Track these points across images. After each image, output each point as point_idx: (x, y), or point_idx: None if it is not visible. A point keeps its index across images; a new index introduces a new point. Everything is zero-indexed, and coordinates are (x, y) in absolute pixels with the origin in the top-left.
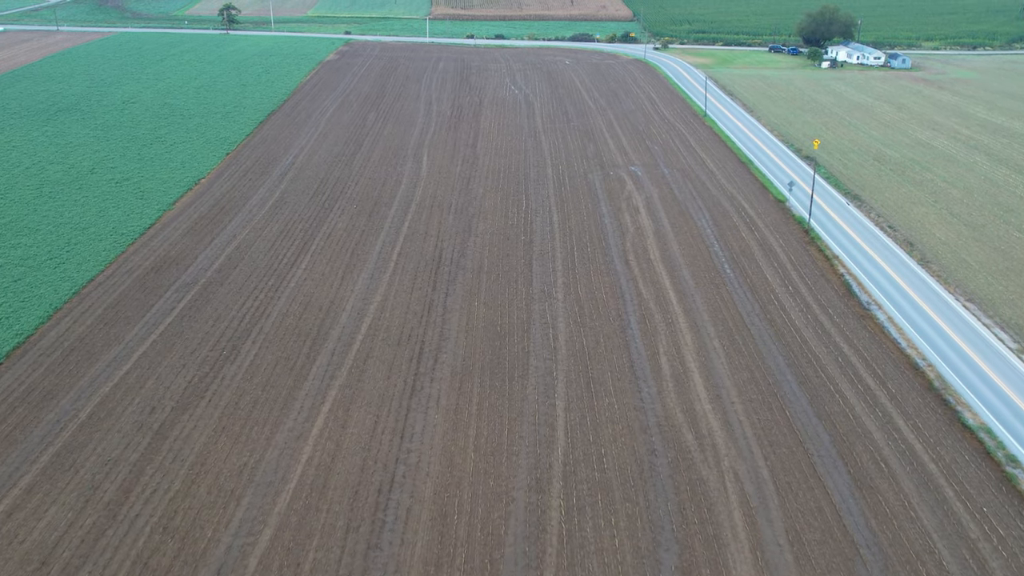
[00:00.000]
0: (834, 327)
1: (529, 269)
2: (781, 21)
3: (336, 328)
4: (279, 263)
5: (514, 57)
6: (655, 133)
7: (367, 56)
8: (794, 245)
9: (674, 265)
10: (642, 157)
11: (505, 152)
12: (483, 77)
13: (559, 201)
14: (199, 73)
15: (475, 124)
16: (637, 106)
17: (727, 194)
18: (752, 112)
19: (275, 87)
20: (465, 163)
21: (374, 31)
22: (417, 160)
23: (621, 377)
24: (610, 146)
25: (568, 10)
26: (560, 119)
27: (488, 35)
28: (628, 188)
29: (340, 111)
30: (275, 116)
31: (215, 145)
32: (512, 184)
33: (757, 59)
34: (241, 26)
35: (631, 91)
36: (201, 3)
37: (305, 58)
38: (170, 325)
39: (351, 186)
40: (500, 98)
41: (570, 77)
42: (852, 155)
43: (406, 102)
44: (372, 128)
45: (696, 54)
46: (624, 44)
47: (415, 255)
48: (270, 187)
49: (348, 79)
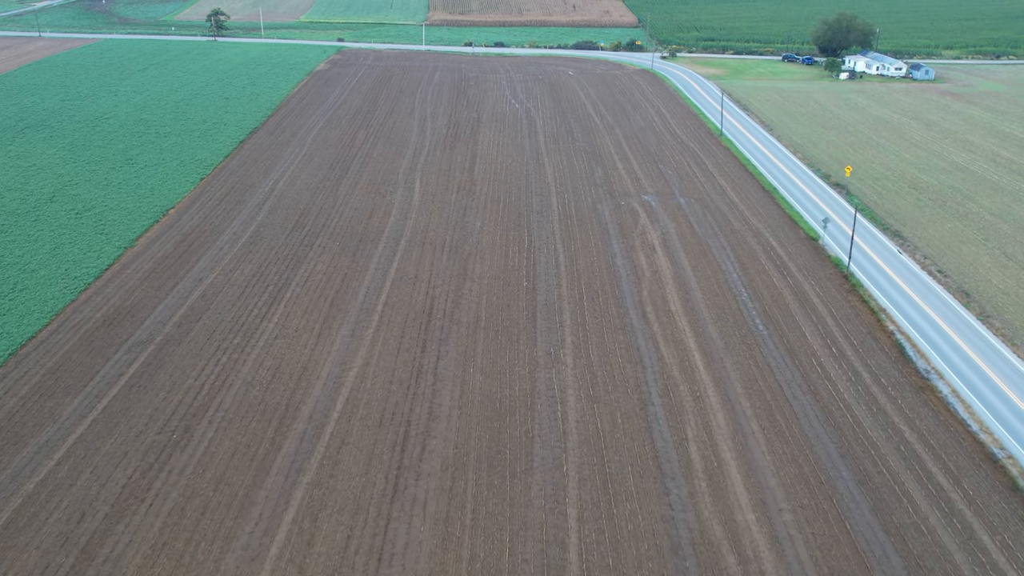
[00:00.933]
0: (890, 402)
1: (533, 324)
2: (793, 28)
3: (308, 403)
4: (248, 316)
5: (514, 67)
6: (668, 155)
7: (359, 66)
8: (833, 294)
9: (698, 319)
10: (655, 184)
11: (505, 177)
12: (482, 89)
13: (565, 237)
14: (181, 85)
15: (472, 144)
16: (647, 123)
17: (752, 229)
18: (771, 130)
19: (260, 101)
20: (461, 190)
21: (368, 37)
22: (409, 187)
23: (644, 473)
24: (620, 170)
25: (570, 16)
26: (564, 138)
27: (487, 42)
28: (642, 221)
29: (328, 128)
30: (258, 134)
31: (190, 168)
32: (512, 216)
33: (771, 69)
34: (230, 32)
35: (640, 106)
36: (192, 8)
37: (294, 68)
38: (115, 398)
39: (335, 218)
40: (500, 113)
41: (574, 89)
42: (885, 182)
43: (399, 118)
44: (361, 148)
45: (706, 64)
46: (630, 53)
47: (403, 305)
48: (245, 219)
49: (338, 92)
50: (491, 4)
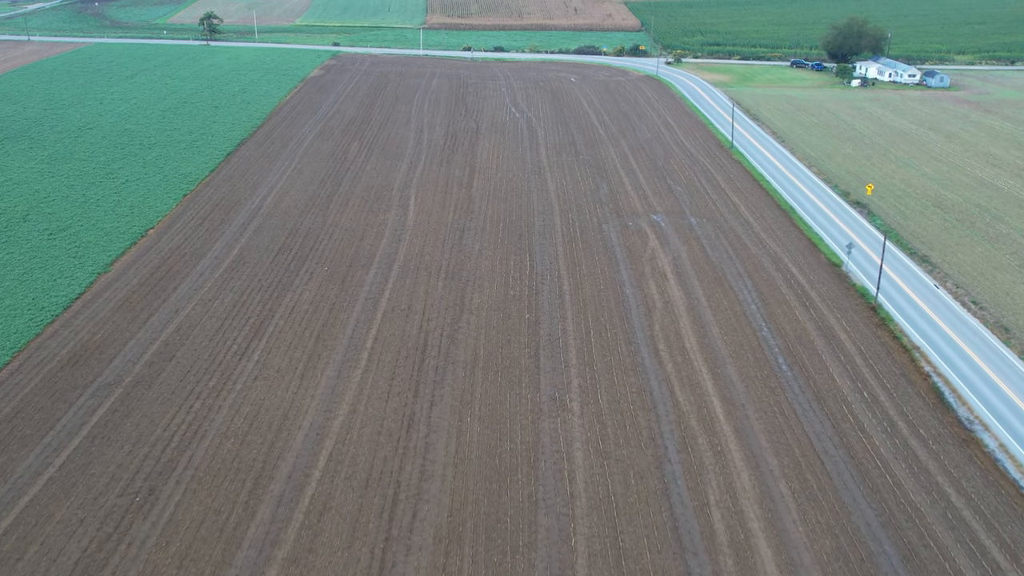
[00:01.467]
0: (931, 459)
1: (536, 363)
2: (801, 32)
3: (287, 458)
4: (226, 353)
5: (515, 73)
6: (677, 169)
7: (355, 72)
8: (861, 329)
9: (716, 359)
10: (664, 202)
11: (505, 194)
12: (481, 97)
13: (570, 262)
14: (169, 92)
15: (471, 156)
16: (653, 134)
17: (770, 254)
18: (784, 142)
19: (250, 109)
20: (459, 209)
21: (365, 42)
22: (403, 204)
23: (662, 547)
24: (626, 186)
25: (572, 19)
26: (567, 150)
27: (486, 47)
28: (651, 245)
29: (320, 139)
30: (246, 145)
31: (173, 183)
32: (513, 238)
33: (780, 76)
34: (223, 36)
35: (645, 115)
36: (185, 10)
37: (287, 74)
38: (76, 451)
39: (324, 240)
40: (499, 123)
41: (576, 97)
42: (908, 200)
43: (394, 128)
44: (354, 161)
45: (712, 70)
46: (633, 58)
47: (395, 341)
48: (228, 241)
49: (332, 99)
50: (491, 7)
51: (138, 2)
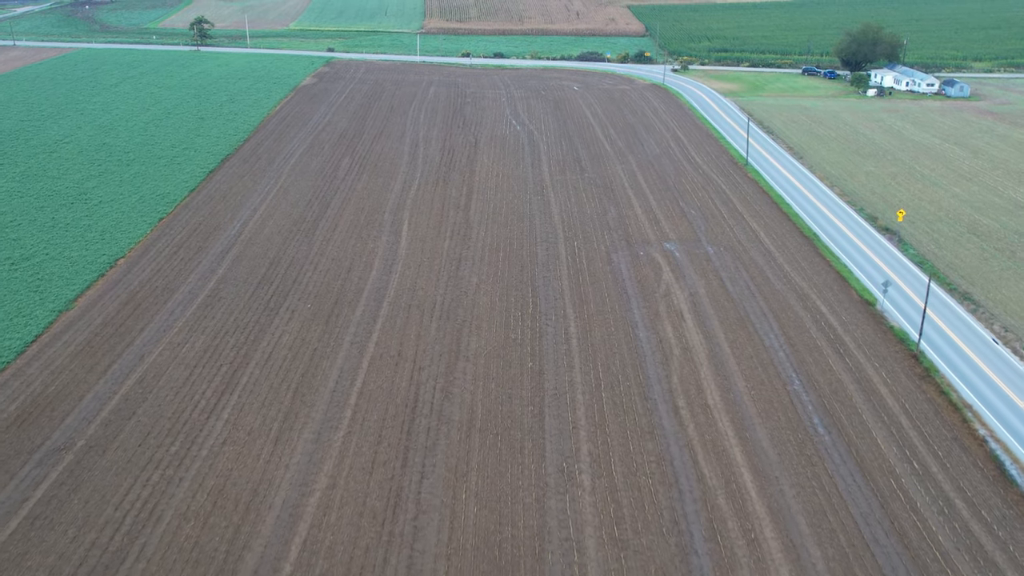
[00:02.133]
0: (999, 550)
1: (540, 423)
2: (811, 38)
3: (254, 547)
4: (192, 409)
5: (515, 81)
6: (689, 189)
7: (349, 79)
8: (903, 382)
9: (743, 418)
10: (678, 227)
11: (505, 218)
12: (479, 108)
13: (576, 299)
14: (154, 102)
15: (469, 174)
16: (663, 149)
17: (795, 289)
18: (802, 159)
19: (237, 121)
20: (455, 235)
21: (360, 47)
22: (395, 230)
23: None
24: (635, 209)
25: (574, 24)
26: (572, 167)
27: (486, 52)
28: (665, 278)
29: (309, 155)
30: (231, 162)
31: (150, 205)
32: (515, 269)
33: (791, 84)
34: (214, 41)
35: (653, 127)
36: (178, 14)
37: (278, 82)
38: (12, 537)
39: (308, 271)
40: (499, 136)
41: (580, 108)
42: (940, 226)
43: (388, 142)
44: (344, 180)
45: (721, 78)
46: (638, 65)
47: (382, 395)
48: (204, 273)
49: (323, 110)
50: (490, 11)
51: (129, 5)
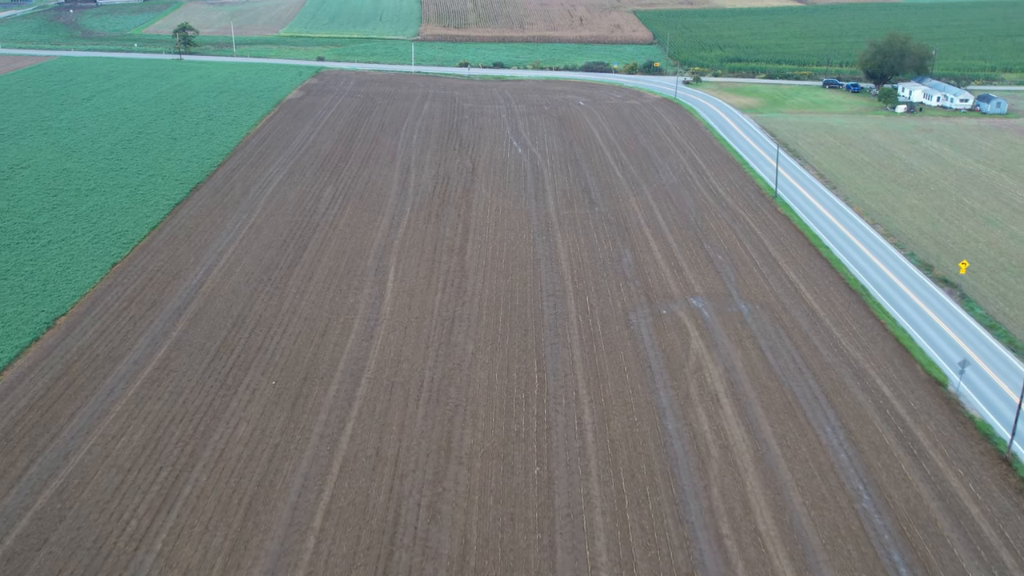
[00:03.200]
0: None
1: (550, 561)
2: (829, 46)
3: None
4: (118, 536)
5: (516, 95)
6: (713, 227)
7: (338, 93)
8: (998, 500)
9: (806, 554)
10: (704, 277)
11: (506, 263)
12: (477, 126)
13: (591, 375)
14: (126, 119)
15: (465, 207)
16: (680, 177)
17: (849, 362)
18: (835, 188)
19: (213, 142)
20: (448, 286)
21: (353, 55)
22: (380, 279)
23: None
24: (654, 253)
25: (577, 31)
26: (580, 200)
27: (485, 62)
28: (694, 347)
29: (288, 183)
30: (201, 192)
31: (104, 246)
32: (517, 333)
33: (812, 99)
34: (199, 49)
35: (668, 150)
36: (164, 19)
37: (262, 96)
38: None
39: (276, 335)
40: (499, 160)
41: (587, 126)
42: (1006, 277)
43: (376, 167)
44: (326, 214)
45: (737, 91)
46: (647, 76)
47: (354, 515)
48: (155, 336)
49: (308, 128)
50: (490, 17)
51: (115, 9)
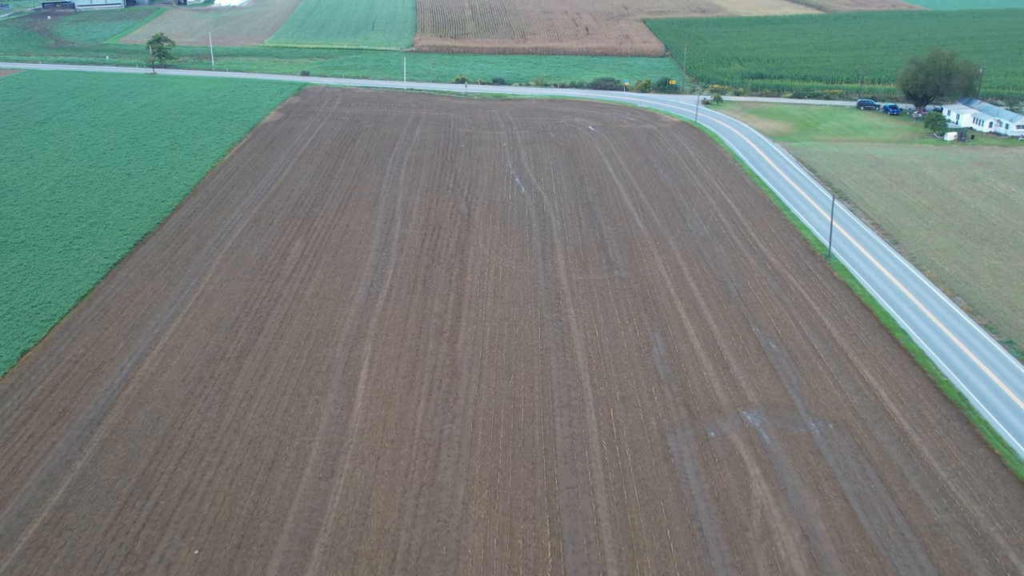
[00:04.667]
0: None
1: None
2: (857, 60)
3: None
4: None
5: (518, 117)
6: (760, 301)
7: (321, 115)
8: None
9: None
10: (758, 378)
11: (507, 355)
12: (474, 156)
13: (622, 547)
14: (80, 147)
15: (458, 271)
16: (712, 226)
17: (969, 525)
18: (896, 243)
19: (172, 178)
20: (435, 389)
21: (340, 70)
22: (350, 378)
23: None
24: (691, 339)
25: (584, 42)
26: (596, 259)
27: (484, 77)
28: (757, 496)
29: (252, 234)
30: (147, 245)
31: (19, 324)
32: (522, 471)
33: (848, 123)
34: (176, 62)
35: (694, 190)
36: (144, 27)
37: (237, 118)
38: None
39: (209, 469)
40: (499, 204)
41: (598, 157)
42: None
43: (356, 212)
44: (291, 279)
45: (763, 114)
46: (662, 95)
47: None
48: (51, 471)
49: (283, 161)
50: (490, 25)
51: (94, 16)
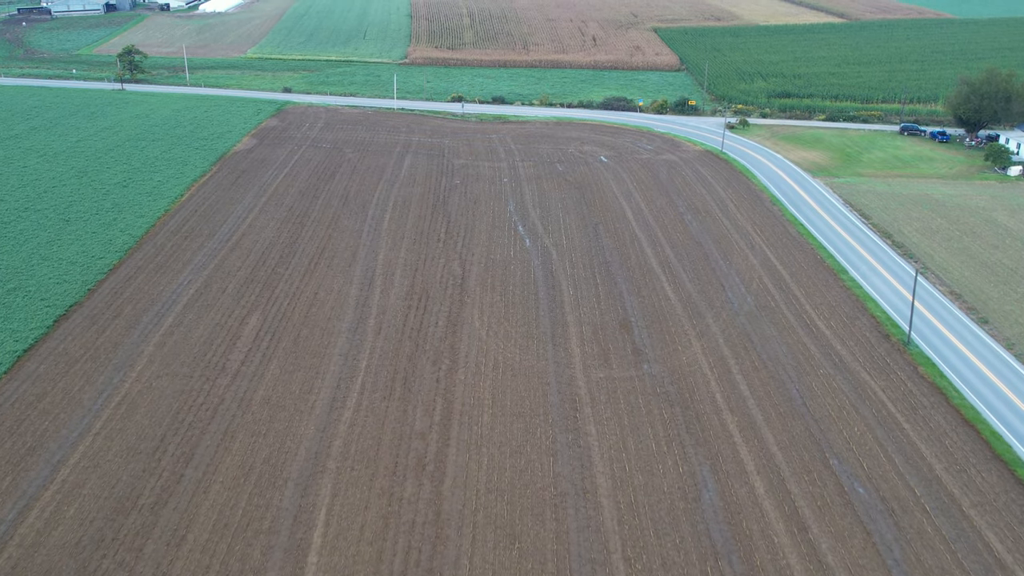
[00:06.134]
0: None
1: None
2: (891, 76)
3: None
4: None
5: (521, 145)
6: (833, 416)
7: (299, 141)
8: None
9: None
10: (848, 551)
11: (509, 504)
12: (471, 197)
13: None
14: (20, 184)
15: (448, 362)
16: (758, 297)
17: None
18: (986, 323)
19: (117, 225)
20: (411, 568)
21: (327, 84)
22: (296, 545)
23: None
24: (752, 483)
25: (591, 54)
26: (619, 345)
27: (482, 95)
28: None
29: (198, 305)
30: (67, 324)
31: None
32: None
33: (895, 152)
34: (148, 76)
35: (731, 244)
36: (123, 35)
37: (204, 146)
38: None
39: None
40: (499, 262)
41: (614, 199)
42: None
43: (329, 274)
44: (238, 376)
45: (796, 140)
46: (681, 117)
47: None
48: None
49: (249, 201)
50: (489, 35)
51: (71, 23)
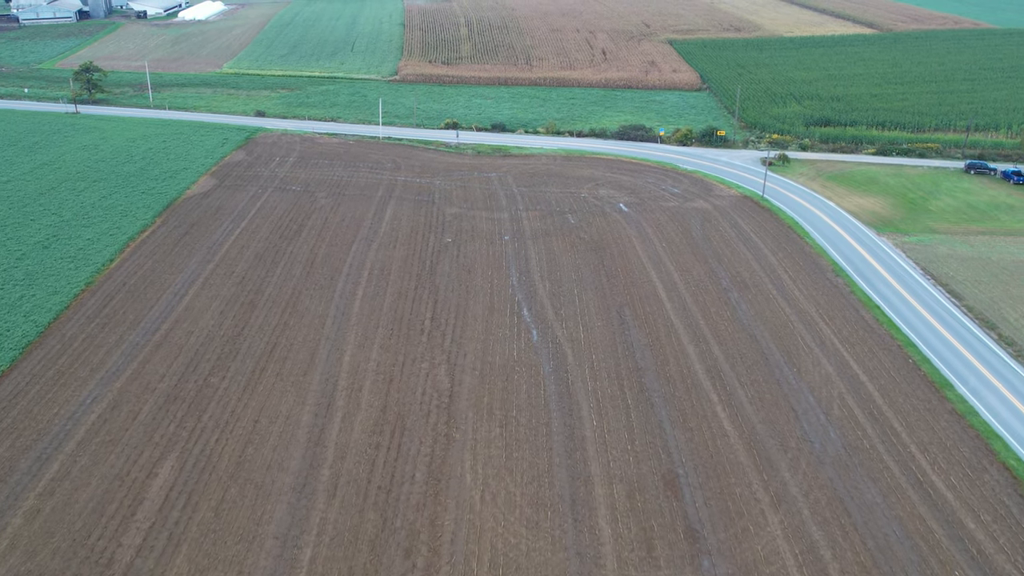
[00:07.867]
0: None
1: None
2: (942, 96)
3: None
4: None
5: (525, 188)
6: None
7: (266, 182)
8: None
9: None
10: None
11: None
12: (465, 264)
13: None
14: None
15: (428, 553)
16: (845, 436)
17: None
18: None
19: (19, 310)
20: None
21: (306, 106)
22: None
23: None
24: None
25: (601, 69)
26: (666, 523)
27: (480, 121)
28: None
29: (93, 448)
30: None
31: None
32: None
33: (964, 197)
34: (109, 95)
35: (793, 339)
36: (93, 46)
37: (153, 188)
38: None
39: None
40: (499, 369)
41: (641, 266)
42: None
43: (278, 386)
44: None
45: (846, 181)
46: (708, 149)
47: None
48: None
49: (192, 270)
50: (488, 49)
51: (39, 32)
